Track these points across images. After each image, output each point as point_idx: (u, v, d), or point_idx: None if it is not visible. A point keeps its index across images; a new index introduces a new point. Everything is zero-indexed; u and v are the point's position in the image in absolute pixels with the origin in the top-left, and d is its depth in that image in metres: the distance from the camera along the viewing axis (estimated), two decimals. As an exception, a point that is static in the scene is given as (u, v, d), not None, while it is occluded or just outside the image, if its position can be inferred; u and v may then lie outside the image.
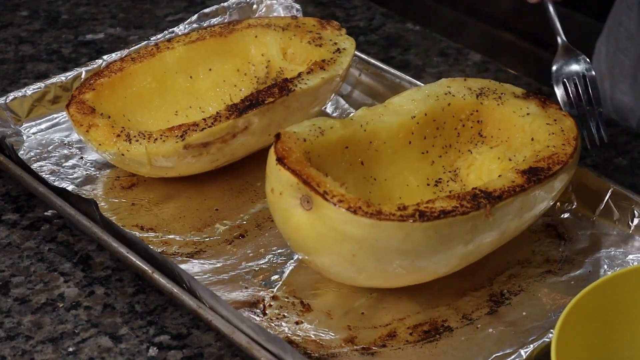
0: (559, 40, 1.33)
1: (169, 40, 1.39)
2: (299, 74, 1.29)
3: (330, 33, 1.39)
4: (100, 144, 1.24)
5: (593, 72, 1.29)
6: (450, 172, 1.22)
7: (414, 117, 1.20)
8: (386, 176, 1.19)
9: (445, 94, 1.23)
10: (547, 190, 1.14)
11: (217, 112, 1.24)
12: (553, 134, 1.18)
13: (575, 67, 1.30)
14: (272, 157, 1.09)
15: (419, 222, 1.03)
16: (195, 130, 1.22)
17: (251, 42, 1.40)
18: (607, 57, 1.67)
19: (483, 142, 1.23)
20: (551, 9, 1.32)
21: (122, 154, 1.23)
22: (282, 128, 1.28)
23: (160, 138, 1.22)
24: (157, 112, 1.35)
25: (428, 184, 1.21)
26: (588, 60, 1.31)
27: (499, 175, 1.14)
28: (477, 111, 1.23)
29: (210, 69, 1.38)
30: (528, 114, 1.21)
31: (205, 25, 1.52)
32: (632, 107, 1.62)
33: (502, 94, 1.24)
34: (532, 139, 1.20)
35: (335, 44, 1.36)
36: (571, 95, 1.28)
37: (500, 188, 1.09)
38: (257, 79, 1.39)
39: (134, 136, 1.23)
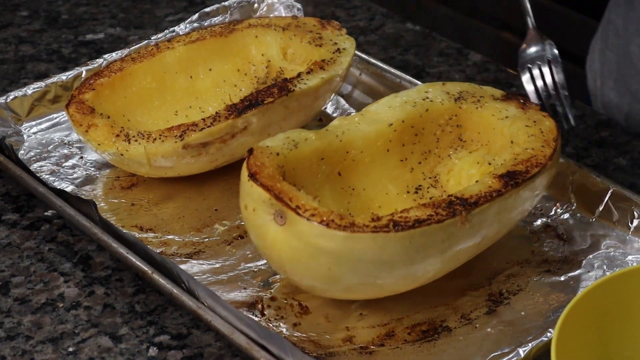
0: (529, 23, 1.32)
1: (169, 40, 1.39)
2: (299, 74, 1.29)
3: (331, 33, 1.39)
4: (99, 144, 1.24)
5: (558, 57, 1.29)
6: (430, 178, 1.21)
7: (392, 124, 1.19)
8: (365, 186, 1.18)
9: (423, 99, 1.21)
10: (526, 194, 1.12)
11: (217, 112, 1.24)
12: (532, 135, 1.17)
13: (540, 52, 1.30)
14: (244, 173, 1.08)
15: (393, 232, 1.02)
16: (195, 130, 1.22)
17: (251, 42, 1.40)
18: (599, 56, 1.67)
19: (463, 147, 1.23)
20: None
21: (121, 154, 1.23)
22: (282, 128, 1.28)
23: (160, 138, 1.22)
24: (157, 112, 1.35)
25: (408, 192, 1.20)
26: (554, 44, 1.30)
27: (477, 181, 1.12)
28: (455, 115, 1.22)
29: (210, 69, 1.38)
30: (507, 117, 1.20)
31: (205, 24, 1.52)
32: (617, 103, 1.62)
33: (480, 97, 1.23)
34: (512, 142, 1.19)
35: (336, 44, 1.36)
36: (535, 80, 1.28)
37: (476, 194, 1.08)
38: (257, 79, 1.39)
39: (133, 136, 1.23)
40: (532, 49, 1.30)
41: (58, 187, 1.26)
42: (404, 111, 1.20)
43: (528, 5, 1.32)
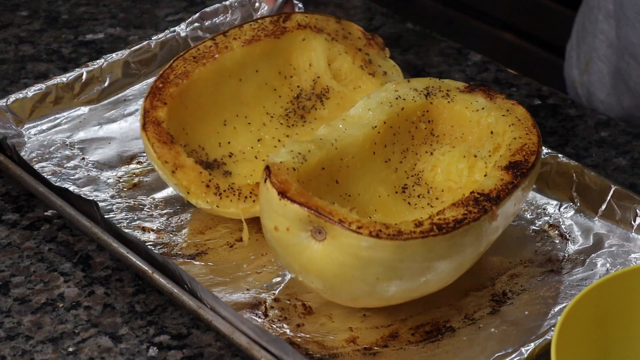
0: None
1: (224, 34, 1.32)
2: None
3: (377, 54, 1.35)
4: (188, 192, 1.20)
5: None
6: (413, 176, 1.21)
7: (375, 126, 1.18)
8: (359, 191, 1.17)
9: (396, 98, 1.21)
10: (529, 182, 1.14)
11: None
12: (513, 124, 1.18)
13: None
14: (270, 193, 1.05)
15: (440, 235, 1.03)
16: None
17: (298, 44, 1.35)
18: (579, 63, 1.65)
19: (437, 142, 1.23)
20: None
21: (210, 207, 1.20)
22: None
23: (250, 197, 1.20)
24: (210, 123, 1.29)
25: (396, 192, 1.19)
26: None
27: (485, 175, 1.14)
28: (427, 111, 1.22)
29: (257, 71, 1.33)
30: (483, 108, 1.21)
31: (207, 24, 1.50)
32: (608, 115, 1.61)
33: (447, 90, 1.23)
34: (492, 133, 1.19)
35: (385, 73, 1.33)
36: None
37: (494, 188, 1.09)
38: (299, 89, 1.34)
39: (224, 190, 1.20)
40: None
41: (59, 187, 1.26)
42: (384, 112, 1.20)
43: None
